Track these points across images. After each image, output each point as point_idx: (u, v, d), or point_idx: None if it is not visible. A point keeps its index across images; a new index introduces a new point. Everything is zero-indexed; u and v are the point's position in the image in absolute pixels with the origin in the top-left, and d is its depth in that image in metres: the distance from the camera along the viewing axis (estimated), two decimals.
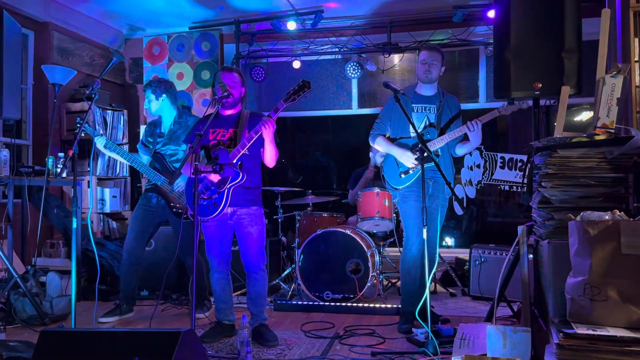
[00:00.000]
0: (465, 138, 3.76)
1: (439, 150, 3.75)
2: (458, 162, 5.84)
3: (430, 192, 3.75)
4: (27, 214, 4.76)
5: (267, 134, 3.28)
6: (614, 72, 2.71)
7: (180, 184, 3.94)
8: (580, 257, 2.06)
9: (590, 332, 1.90)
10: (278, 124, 3.36)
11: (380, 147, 3.87)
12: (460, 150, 3.86)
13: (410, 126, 3.67)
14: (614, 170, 2.48)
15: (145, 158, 4.18)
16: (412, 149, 3.71)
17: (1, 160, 4.46)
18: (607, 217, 2.10)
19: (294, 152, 6.98)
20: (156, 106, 4.11)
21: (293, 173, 6.59)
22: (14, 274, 3.84)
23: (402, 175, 3.75)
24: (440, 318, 3.81)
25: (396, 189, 3.80)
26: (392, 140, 3.83)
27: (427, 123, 3.79)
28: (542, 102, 3.63)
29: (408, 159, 3.69)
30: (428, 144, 3.69)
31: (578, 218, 2.16)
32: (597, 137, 2.52)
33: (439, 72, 3.80)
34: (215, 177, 3.31)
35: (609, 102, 2.68)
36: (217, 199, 3.32)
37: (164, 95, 4.09)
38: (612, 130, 2.62)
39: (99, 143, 3.97)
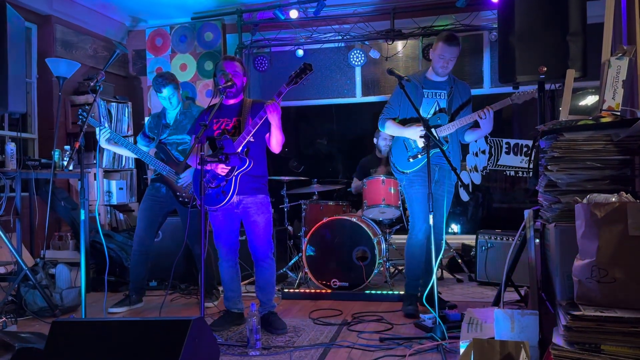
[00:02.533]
0: (475, 125, 3.76)
1: (448, 136, 3.74)
2: (463, 148, 5.83)
3: (437, 178, 3.76)
4: (34, 207, 4.80)
5: (273, 118, 3.27)
6: (620, 54, 2.70)
7: (186, 177, 3.95)
8: (587, 240, 2.07)
9: (598, 313, 1.91)
10: (282, 113, 3.35)
11: (390, 131, 3.85)
12: (469, 137, 3.86)
13: (421, 110, 3.68)
14: (620, 153, 2.48)
15: (145, 149, 4.19)
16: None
17: (8, 154, 4.49)
18: (613, 200, 2.10)
19: (298, 141, 6.98)
20: (175, 99, 4.10)
21: (295, 163, 6.59)
22: (23, 266, 3.87)
23: (411, 160, 3.76)
24: (448, 304, 3.83)
25: (404, 172, 3.80)
26: (403, 123, 3.82)
27: (438, 108, 3.79)
28: (547, 86, 3.61)
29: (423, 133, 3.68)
30: (438, 130, 3.69)
31: (585, 201, 2.16)
32: (603, 120, 2.51)
33: (454, 64, 3.79)
34: (223, 170, 3.31)
35: (614, 84, 2.67)
36: (225, 186, 3.33)
37: (175, 85, 4.09)
38: (618, 113, 2.62)
39: (103, 137, 3.97)
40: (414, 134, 3.67)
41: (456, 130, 3.74)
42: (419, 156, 3.73)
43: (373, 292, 4.28)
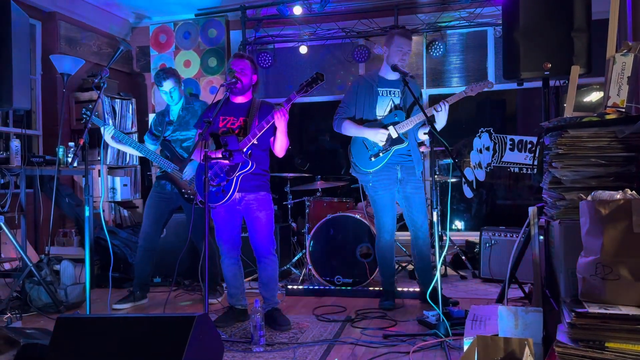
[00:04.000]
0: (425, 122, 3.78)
1: (407, 132, 3.79)
2: (467, 144, 5.84)
3: (400, 176, 3.83)
4: (39, 204, 4.81)
5: (280, 123, 3.28)
6: (625, 51, 2.68)
7: (188, 172, 3.96)
8: (592, 237, 2.06)
9: (603, 311, 1.90)
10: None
11: (348, 131, 3.88)
12: (422, 134, 3.89)
13: (377, 108, 3.75)
14: (625, 149, 2.46)
15: (152, 147, 4.20)
16: (383, 127, 3.77)
17: (13, 151, 4.50)
18: (618, 196, 2.09)
19: (302, 138, 6.98)
20: (176, 94, 4.11)
21: (300, 160, 6.59)
22: (28, 262, 3.89)
23: (373, 159, 3.81)
24: (450, 300, 3.83)
25: (368, 172, 3.84)
26: (359, 123, 3.86)
27: (393, 106, 3.82)
28: (551, 82, 3.60)
29: (382, 135, 3.74)
30: (396, 127, 3.73)
31: (589, 198, 2.16)
32: (608, 116, 2.50)
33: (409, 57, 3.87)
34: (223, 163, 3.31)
35: (619, 80, 2.66)
36: (226, 186, 3.33)
37: (176, 79, 4.10)
38: (623, 109, 2.61)
39: (107, 134, 3.98)
40: (374, 135, 3.75)
41: (412, 128, 3.79)
42: (381, 154, 3.79)
43: (377, 288, 4.28)
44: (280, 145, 3.42)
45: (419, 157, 3.91)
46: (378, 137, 3.75)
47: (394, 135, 3.74)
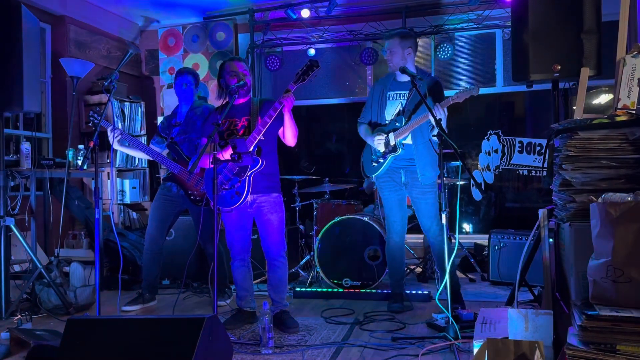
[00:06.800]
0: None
1: (412, 137, 3.72)
2: (476, 147, 5.83)
3: (404, 180, 3.82)
4: (49, 206, 4.84)
5: (286, 110, 3.27)
6: (635, 52, 2.67)
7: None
8: (603, 239, 2.05)
9: (614, 313, 1.89)
10: (294, 113, 3.35)
11: (361, 135, 3.96)
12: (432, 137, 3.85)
13: (386, 112, 3.80)
14: (636, 152, 2.45)
15: (158, 149, 4.22)
16: (379, 133, 3.78)
17: (23, 153, 4.53)
18: (629, 199, 2.08)
19: (310, 140, 6.98)
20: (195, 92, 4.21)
21: (307, 163, 6.59)
22: (38, 264, 3.91)
23: (374, 164, 3.84)
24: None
25: (368, 177, 3.91)
26: (373, 127, 3.90)
27: (400, 110, 3.82)
28: (561, 84, 3.59)
29: (379, 142, 3.76)
30: (395, 133, 3.71)
31: (600, 200, 2.15)
32: (618, 118, 2.49)
33: (401, 57, 3.78)
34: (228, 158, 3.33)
35: (629, 82, 2.65)
36: (239, 187, 3.33)
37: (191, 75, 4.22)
38: (633, 111, 2.59)
39: (115, 138, 3.99)
40: (372, 143, 3.80)
41: (421, 128, 3.71)
42: (380, 160, 3.80)
43: (385, 291, 4.27)
44: (290, 133, 3.39)
45: (426, 161, 3.70)
46: (375, 144, 3.79)
47: (392, 142, 3.73)
